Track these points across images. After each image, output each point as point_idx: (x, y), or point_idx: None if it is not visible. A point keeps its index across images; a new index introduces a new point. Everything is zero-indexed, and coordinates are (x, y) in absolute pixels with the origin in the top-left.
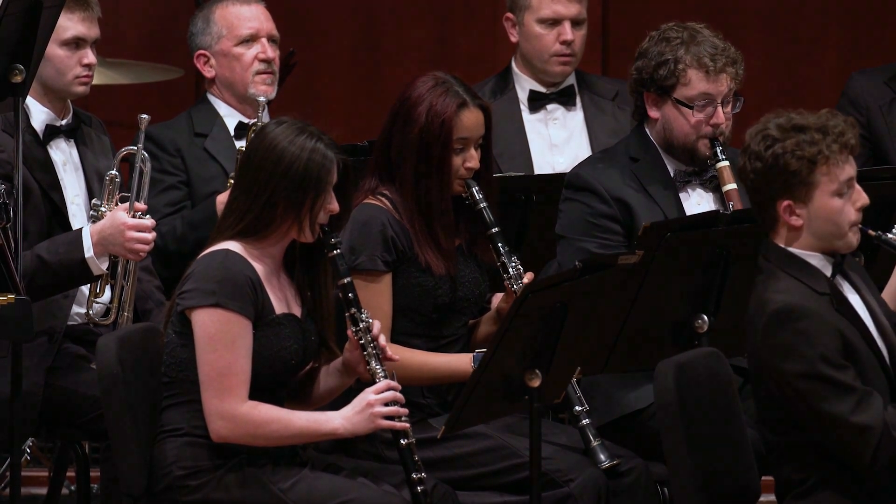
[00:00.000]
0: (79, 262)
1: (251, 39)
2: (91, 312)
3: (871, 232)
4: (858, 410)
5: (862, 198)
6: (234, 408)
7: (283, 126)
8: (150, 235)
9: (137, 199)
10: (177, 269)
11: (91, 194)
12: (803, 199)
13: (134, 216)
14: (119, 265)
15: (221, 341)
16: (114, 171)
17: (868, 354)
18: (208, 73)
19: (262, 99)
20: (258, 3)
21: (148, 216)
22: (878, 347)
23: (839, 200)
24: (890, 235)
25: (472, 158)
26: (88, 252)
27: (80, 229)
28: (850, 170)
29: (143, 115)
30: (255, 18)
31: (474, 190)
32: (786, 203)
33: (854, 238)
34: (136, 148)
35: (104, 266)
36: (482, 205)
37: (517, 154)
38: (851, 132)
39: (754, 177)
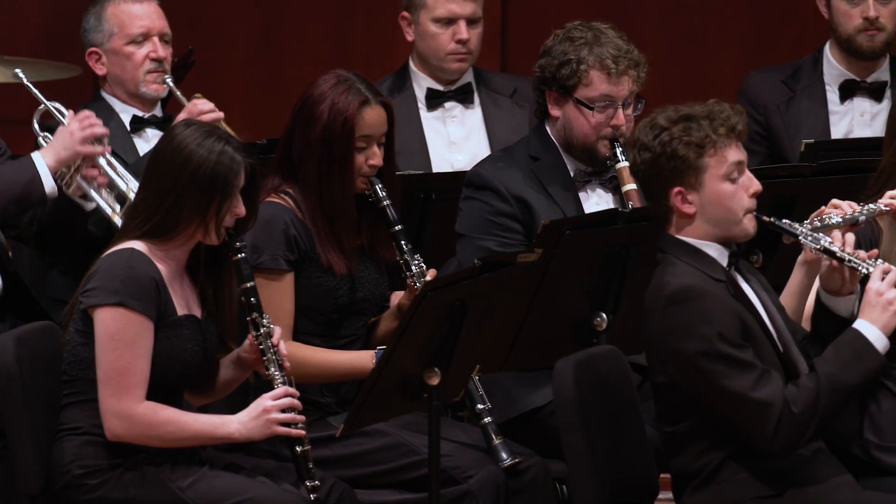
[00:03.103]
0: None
1: (142, 38)
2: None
3: (766, 218)
4: (759, 386)
5: (754, 184)
6: (131, 407)
7: (191, 128)
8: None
9: None
10: None
11: None
12: (694, 185)
13: None
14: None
15: (122, 340)
16: None
17: (763, 340)
18: (100, 70)
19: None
20: (150, 1)
21: None
22: (771, 335)
23: (730, 185)
24: (785, 221)
25: (376, 156)
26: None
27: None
28: (738, 153)
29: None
30: (147, 17)
31: (378, 187)
32: (677, 190)
33: (750, 225)
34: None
35: (50, 181)
36: (385, 202)
37: (415, 152)
38: (738, 118)
39: (644, 168)
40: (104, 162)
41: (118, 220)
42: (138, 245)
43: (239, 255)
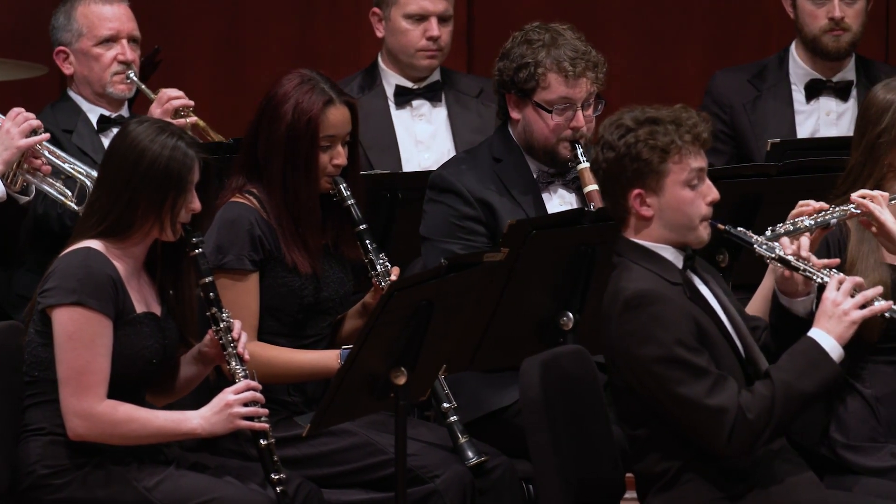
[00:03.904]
0: None
1: (111, 40)
2: None
3: (721, 226)
4: (714, 393)
5: (712, 192)
6: (92, 406)
7: (144, 125)
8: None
9: None
10: None
11: None
12: (654, 188)
13: None
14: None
15: (81, 340)
16: None
17: (721, 342)
18: (67, 69)
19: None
20: (120, 3)
21: None
22: (730, 336)
23: (689, 192)
24: (739, 229)
25: (340, 155)
26: None
27: None
28: (700, 161)
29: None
30: (117, 19)
31: (342, 187)
32: (636, 192)
33: (705, 232)
34: None
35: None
36: (350, 201)
37: (386, 149)
38: (704, 126)
39: (606, 166)
40: (46, 153)
41: (73, 205)
42: (95, 244)
43: (196, 251)
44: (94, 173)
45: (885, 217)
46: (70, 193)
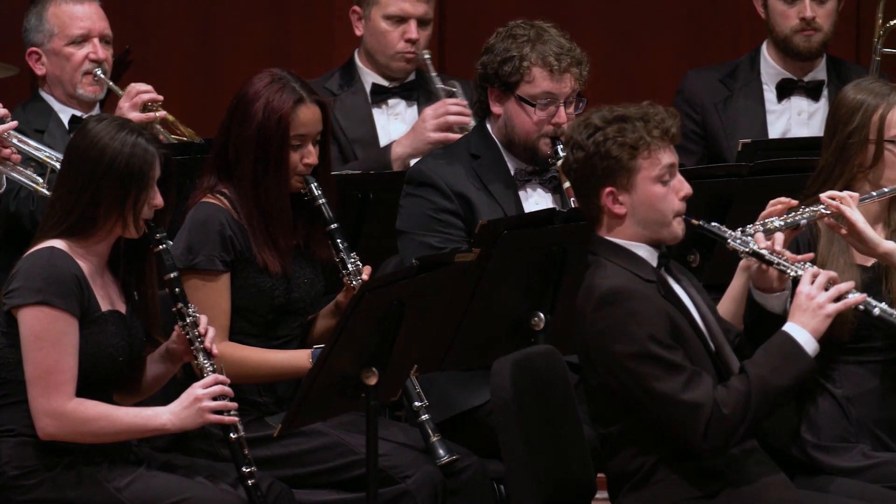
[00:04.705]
0: None
1: (83, 39)
2: None
3: (695, 221)
4: (689, 388)
5: (685, 187)
6: (61, 405)
7: (103, 123)
8: None
9: None
10: None
11: None
12: (625, 185)
13: None
14: None
15: (47, 339)
16: None
17: (694, 339)
18: (39, 70)
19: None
20: (92, 2)
21: None
22: (703, 334)
23: (661, 187)
24: (714, 225)
25: (311, 154)
26: None
27: None
28: (671, 156)
29: None
30: (88, 18)
31: (313, 186)
32: (608, 190)
33: (678, 228)
34: None
35: None
36: (321, 201)
37: (367, 145)
38: (672, 121)
39: (577, 166)
40: (15, 141)
41: (45, 191)
42: (58, 243)
43: (160, 247)
44: None
45: (856, 217)
46: (41, 180)
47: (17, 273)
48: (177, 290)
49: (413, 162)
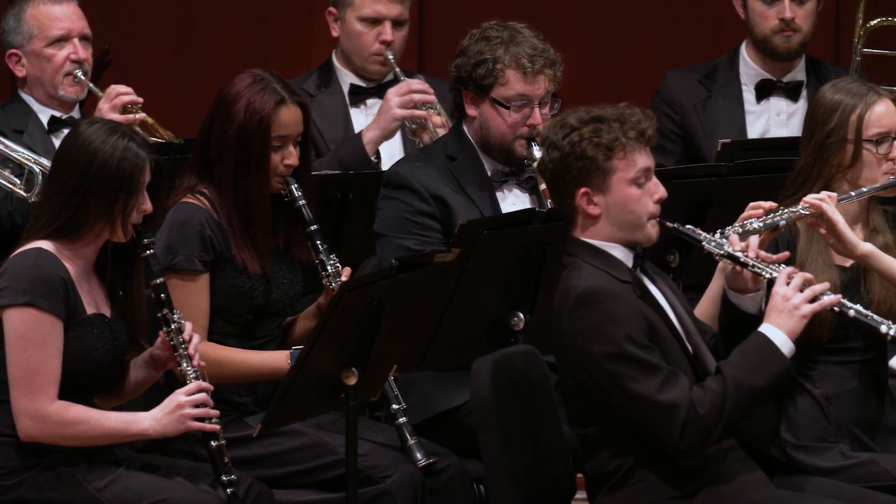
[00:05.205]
0: None
1: (62, 40)
2: None
3: (670, 224)
4: (665, 389)
5: (660, 190)
6: (44, 407)
7: (95, 126)
8: None
9: None
10: None
11: None
12: (600, 186)
13: None
14: None
15: (32, 340)
16: None
17: (671, 340)
18: (20, 72)
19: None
20: (70, 2)
21: None
22: (679, 334)
23: (636, 189)
24: (688, 227)
25: (291, 155)
26: None
27: None
28: (647, 159)
29: None
30: (67, 18)
31: (293, 187)
32: (583, 191)
33: (653, 230)
34: None
35: None
36: (301, 202)
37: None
38: (648, 122)
39: (553, 166)
40: None
41: (22, 192)
42: (46, 245)
43: (148, 252)
44: (43, 160)
45: (837, 217)
46: (18, 181)
47: (3, 273)
48: (162, 295)
49: (391, 163)
